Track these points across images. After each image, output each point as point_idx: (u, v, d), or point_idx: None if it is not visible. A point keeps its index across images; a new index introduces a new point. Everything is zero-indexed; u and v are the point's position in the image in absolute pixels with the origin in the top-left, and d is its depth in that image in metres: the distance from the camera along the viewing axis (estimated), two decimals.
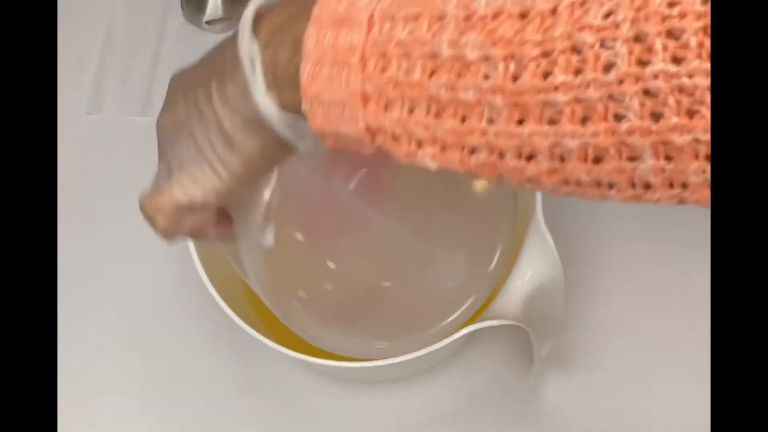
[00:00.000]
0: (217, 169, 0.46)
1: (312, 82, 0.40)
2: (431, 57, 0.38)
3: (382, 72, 0.39)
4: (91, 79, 0.85)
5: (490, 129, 0.37)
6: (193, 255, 0.63)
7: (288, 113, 0.43)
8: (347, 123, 0.40)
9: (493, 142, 0.37)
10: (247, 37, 0.43)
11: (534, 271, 0.65)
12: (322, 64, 0.40)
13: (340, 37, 0.40)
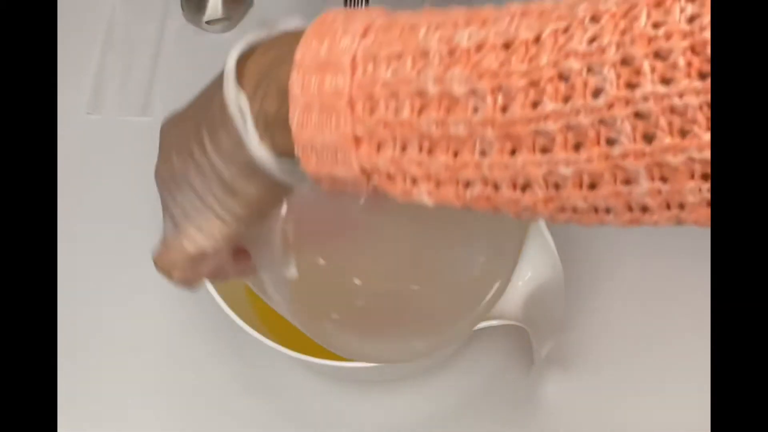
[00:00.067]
0: (222, 216, 0.46)
1: (302, 129, 0.40)
2: (419, 95, 0.38)
3: (371, 113, 0.39)
4: (91, 79, 0.85)
5: (484, 161, 0.37)
6: None
7: (283, 158, 0.43)
8: (342, 166, 0.40)
9: (487, 175, 0.37)
10: (232, 89, 0.43)
11: (534, 271, 0.65)
12: (310, 111, 0.40)
13: (325, 82, 0.39)
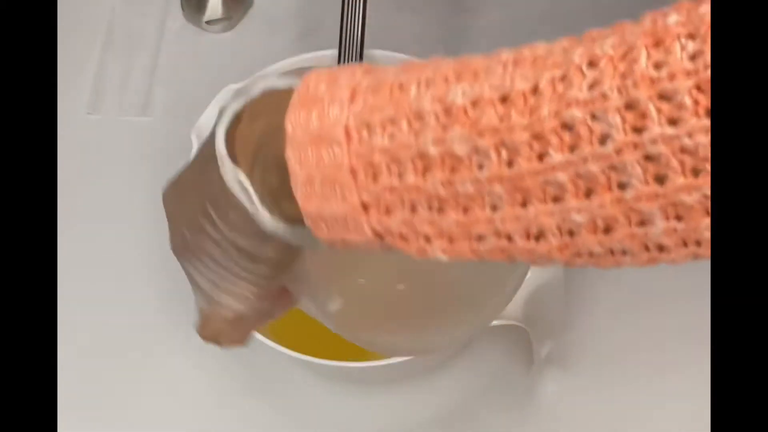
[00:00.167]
0: (249, 279, 0.46)
1: (308, 201, 0.40)
2: (420, 157, 0.37)
3: (374, 180, 0.38)
4: (91, 79, 0.85)
5: (495, 215, 0.36)
6: None
7: (296, 225, 0.42)
8: (353, 232, 0.40)
9: (499, 228, 0.37)
10: (230, 171, 0.43)
11: (534, 271, 0.65)
12: (312, 183, 0.39)
13: (322, 155, 0.39)
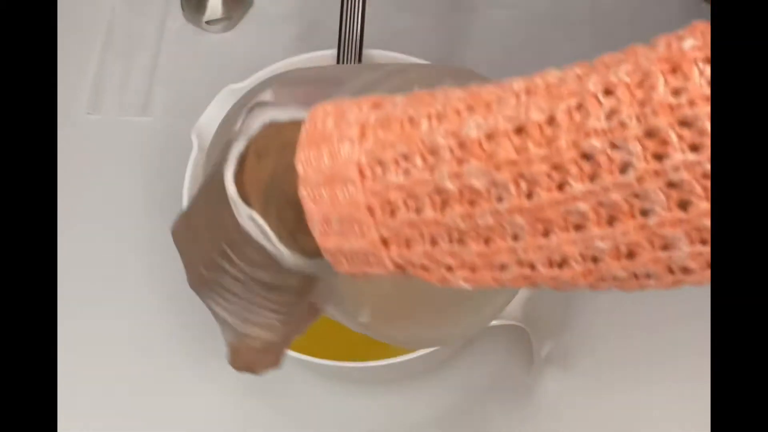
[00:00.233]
0: (274, 308, 0.46)
1: (326, 239, 0.40)
2: (437, 192, 0.37)
3: (392, 216, 0.38)
4: (91, 79, 0.85)
5: (517, 245, 0.36)
6: None
7: (315, 257, 0.42)
8: (375, 265, 0.40)
9: (522, 257, 0.36)
10: (243, 211, 0.43)
11: None
12: (329, 222, 0.39)
13: (337, 194, 0.38)
